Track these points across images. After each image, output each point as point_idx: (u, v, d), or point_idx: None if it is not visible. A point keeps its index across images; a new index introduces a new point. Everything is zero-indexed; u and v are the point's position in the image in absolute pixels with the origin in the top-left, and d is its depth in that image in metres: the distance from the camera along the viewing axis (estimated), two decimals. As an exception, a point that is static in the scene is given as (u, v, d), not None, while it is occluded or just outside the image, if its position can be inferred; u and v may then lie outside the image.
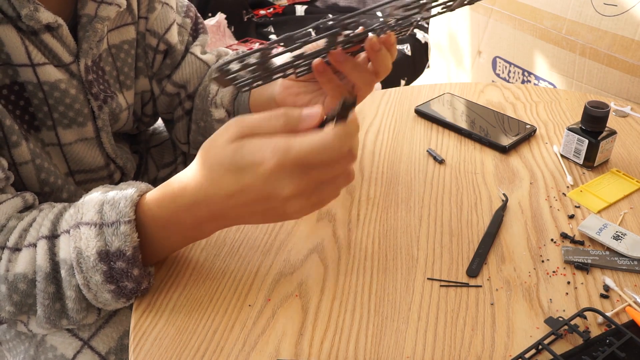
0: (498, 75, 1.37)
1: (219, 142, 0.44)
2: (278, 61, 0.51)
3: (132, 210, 0.46)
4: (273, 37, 2.27)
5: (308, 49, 0.55)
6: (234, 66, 0.46)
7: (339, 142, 0.41)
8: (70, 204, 0.51)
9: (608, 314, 0.47)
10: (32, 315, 0.50)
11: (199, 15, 0.82)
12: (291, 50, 0.48)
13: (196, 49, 0.78)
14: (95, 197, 0.48)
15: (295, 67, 0.54)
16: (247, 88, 0.52)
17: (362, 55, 0.57)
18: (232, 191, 0.43)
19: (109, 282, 0.47)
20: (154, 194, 0.48)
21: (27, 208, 0.54)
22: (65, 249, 0.47)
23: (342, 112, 0.42)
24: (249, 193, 0.43)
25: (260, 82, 0.52)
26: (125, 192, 0.48)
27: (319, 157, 0.41)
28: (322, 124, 0.43)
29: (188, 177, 0.46)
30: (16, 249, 0.49)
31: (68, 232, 0.47)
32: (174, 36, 0.76)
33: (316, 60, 0.55)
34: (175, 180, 0.48)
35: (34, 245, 0.48)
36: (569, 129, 0.68)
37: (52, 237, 0.48)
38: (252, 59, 0.47)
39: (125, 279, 0.47)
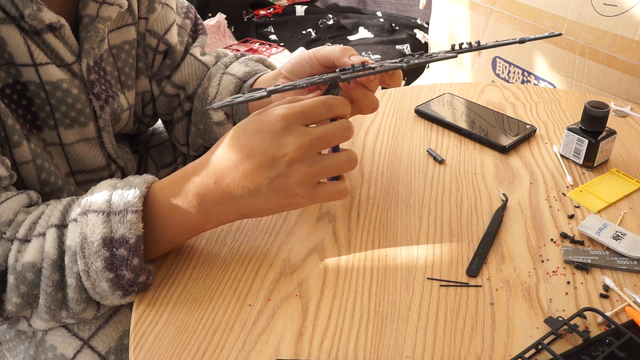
0: (498, 75, 1.37)
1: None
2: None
3: (140, 201, 0.48)
4: (273, 37, 2.27)
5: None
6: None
7: (333, 100, 0.49)
8: (79, 196, 0.52)
9: (608, 313, 0.47)
10: (35, 308, 0.50)
11: (198, 16, 0.82)
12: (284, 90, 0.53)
13: (195, 50, 0.78)
14: (104, 188, 0.50)
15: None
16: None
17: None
18: (240, 157, 0.48)
19: (109, 270, 0.47)
20: (166, 177, 0.52)
21: (32, 205, 0.54)
22: (72, 236, 0.48)
23: (330, 90, 0.54)
24: (255, 157, 0.47)
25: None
26: (134, 183, 0.50)
27: (317, 109, 0.49)
28: None
29: (204, 155, 0.51)
30: (26, 240, 0.49)
31: (76, 220, 0.49)
32: (173, 37, 0.76)
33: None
34: (192, 162, 0.52)
35: (43, 234, 0.49)
36: (569, 129, 0.68)
37: (62, 226, 0.49)
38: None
39: (125, 268, 0.48)
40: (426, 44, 2.14)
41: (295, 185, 0.48)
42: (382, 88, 0.83)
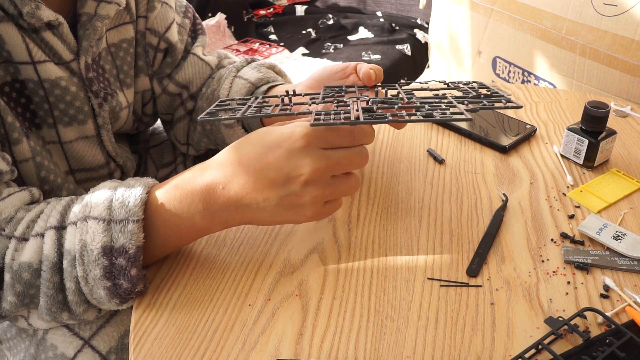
0: (498, 75, 1.37)
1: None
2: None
3: (141, 209, 0.48)
4: (273, 37, 2.27)
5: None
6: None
7: (360, 132, 0.49)
8: (78, 196, 0.52)
9: (608, 314, 0.47)
10: (32, 308, 0.50)
11: (197, 15, 0.82)
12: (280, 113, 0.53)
13: (198, 50, 0.79)
14: (104, 192, 0.49)
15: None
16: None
17: None
18: (253, 168, 0.47)
19: (107, 278, 0.47)
20: (169, 181, 0.51)
21: (34, 202, 0.54)
22: (71, 240, 0.48)
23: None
24: (269, 171, 0.47)
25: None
26: (135, 190, 0.49)
27: (341, 138, 0.48)
28: None
29: (214, 158, 0.50)
30: (23, 239, 0.49)
31: (75, 223, 0.48)
32: (174, 35, 0.76)
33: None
34: (199, 164, 0.51)
35: (42, 235, 0.49)
36: (569, 129, 0.68)
37: (60, 227, 0.49)
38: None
39: (122, 277, 0.47)
40: (426, 44, 2.14)
41: (305, 204, 0.48)
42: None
